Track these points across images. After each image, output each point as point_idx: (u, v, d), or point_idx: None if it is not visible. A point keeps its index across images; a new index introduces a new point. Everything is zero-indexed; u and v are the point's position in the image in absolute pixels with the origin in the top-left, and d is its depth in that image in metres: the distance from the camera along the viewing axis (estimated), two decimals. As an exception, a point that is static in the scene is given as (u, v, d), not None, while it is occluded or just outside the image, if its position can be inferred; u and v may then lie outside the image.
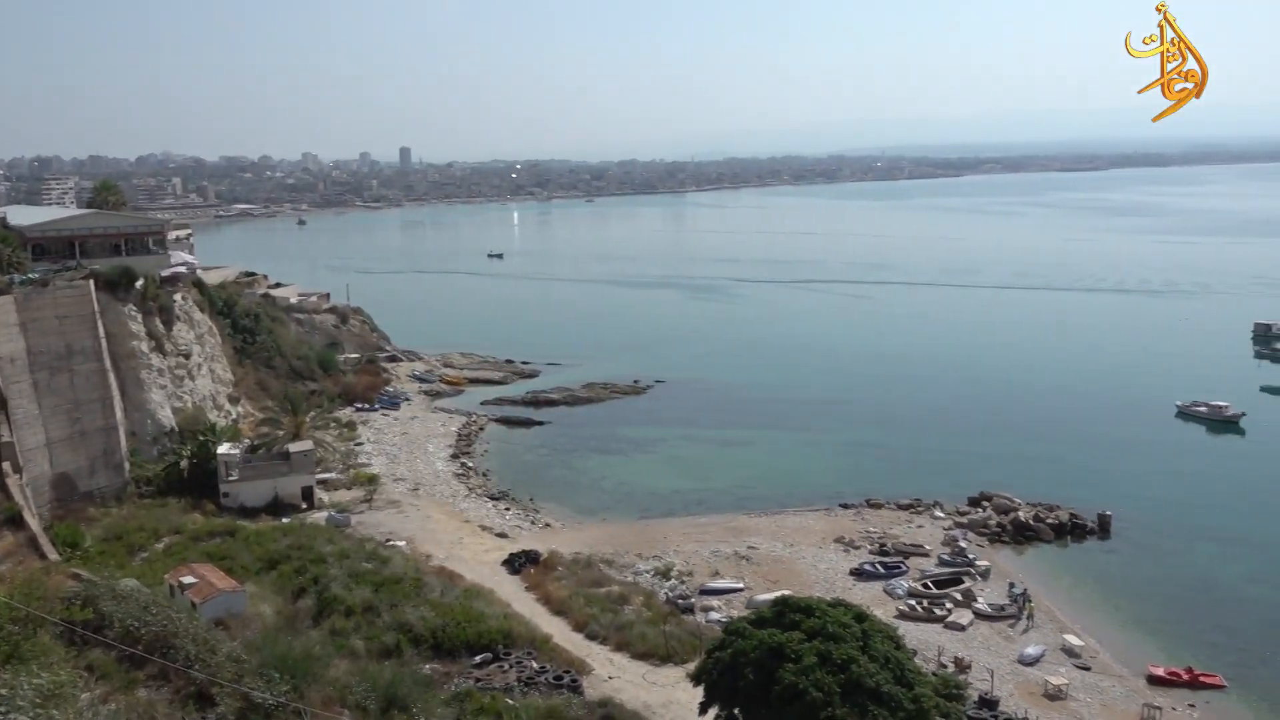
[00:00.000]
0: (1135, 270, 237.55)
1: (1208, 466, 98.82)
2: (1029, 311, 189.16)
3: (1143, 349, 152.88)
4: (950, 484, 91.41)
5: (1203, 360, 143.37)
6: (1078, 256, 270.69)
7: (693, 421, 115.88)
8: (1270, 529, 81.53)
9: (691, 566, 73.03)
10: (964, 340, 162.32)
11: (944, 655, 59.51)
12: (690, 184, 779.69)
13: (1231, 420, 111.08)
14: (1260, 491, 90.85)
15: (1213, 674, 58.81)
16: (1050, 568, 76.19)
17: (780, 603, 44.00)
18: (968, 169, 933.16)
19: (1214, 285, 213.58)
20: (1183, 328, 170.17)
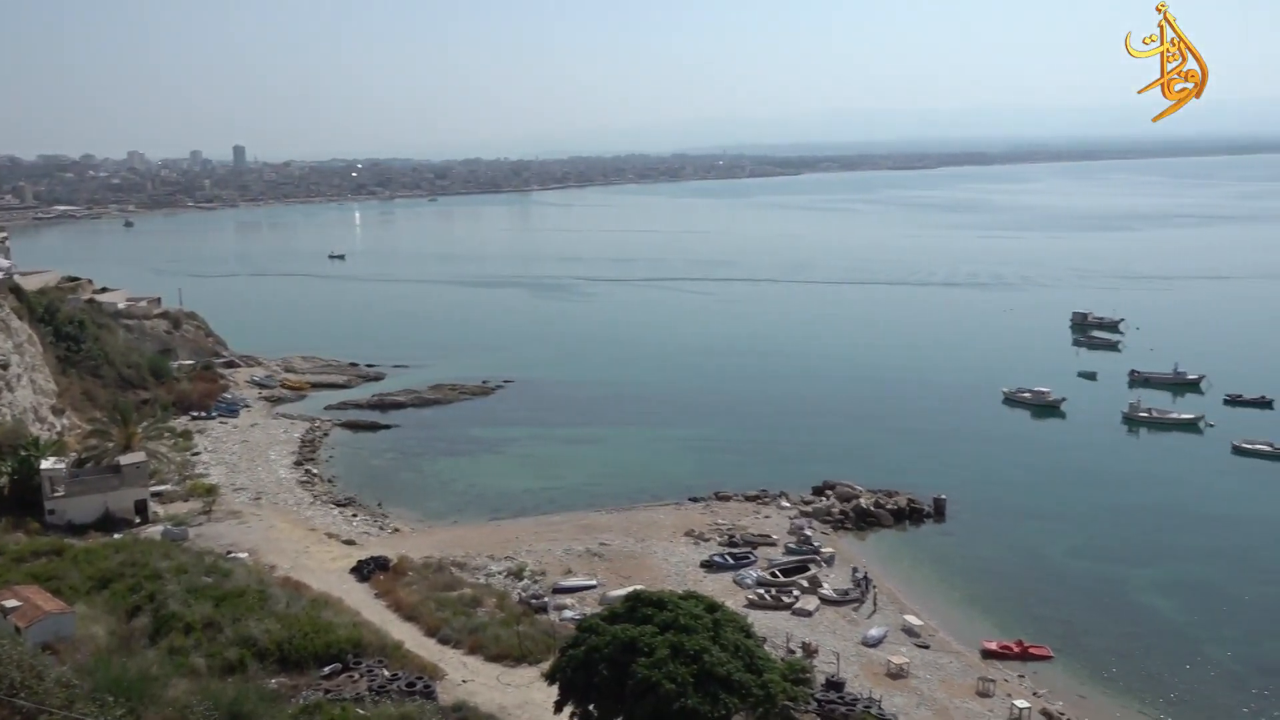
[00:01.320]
0: (964, 264, 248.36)
1: (1033, 449, 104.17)
2: (865, 305, 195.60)
3: (971, 339, 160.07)
4: (795, 474, 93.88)
5: (1026, 349, 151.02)
6: (910, 252, 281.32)
7: (542, 420, 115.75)
8: (1089, 506, 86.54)
9: (544, 565, 72.97)
10: (805, 334, 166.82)
11: (792, 641, 61.09)
12: (535, 182, 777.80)
13: (1053, 405, 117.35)
14: (1080, 471, 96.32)
15: (1041, 645, 62.07)
16: (891, 552, 79.05)
17: (633, 598, 44.43)
18: (806, 168, 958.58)
19: (1035, 277, 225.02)
20: (1007, 318, 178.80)
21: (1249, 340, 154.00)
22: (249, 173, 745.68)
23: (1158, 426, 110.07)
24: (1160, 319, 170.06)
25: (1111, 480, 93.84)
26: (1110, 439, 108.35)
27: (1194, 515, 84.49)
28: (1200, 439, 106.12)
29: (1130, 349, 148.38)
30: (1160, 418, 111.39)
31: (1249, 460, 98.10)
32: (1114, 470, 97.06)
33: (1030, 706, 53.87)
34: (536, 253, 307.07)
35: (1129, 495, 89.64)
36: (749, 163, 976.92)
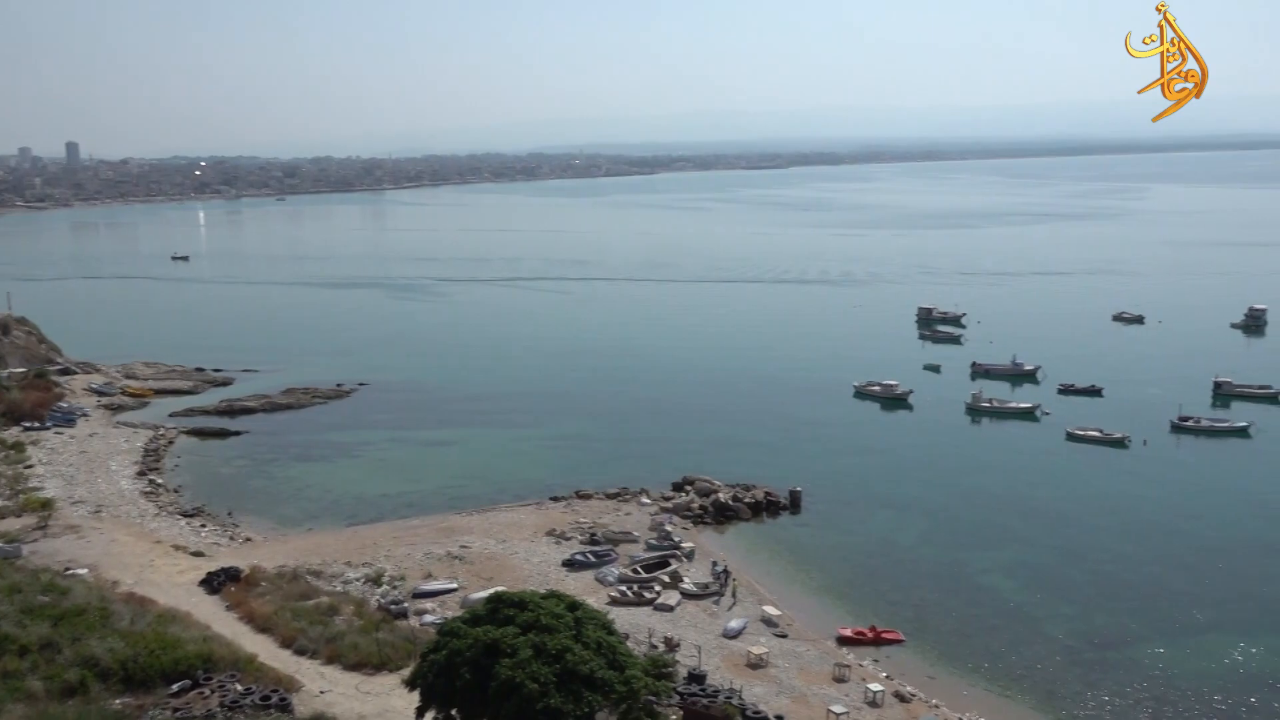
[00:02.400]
0: (815, 262, 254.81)
1: (883, 440, 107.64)
2: (721, 303, 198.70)
3: (823, 335, 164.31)
4: (655, 471, 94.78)
5: (875, 343, 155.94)
6: (764, 249, 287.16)
7: (399, 423, 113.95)
8: (936, 494, 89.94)
9: (403, 570, 71.86)
10: (663, 332, 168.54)
11: (654, 636, 61.69)
12: (389, 181, 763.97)
13: (901, 397, 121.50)
14: (927, 461, 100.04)
15: (893, 630, 64.21)
16: (749, 544, 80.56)
17: (494, 599, 44.19)
18: (662, 167, 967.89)
19: (883, 274, 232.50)
20: (856, 314, 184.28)
21: (1080, 332, 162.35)
22: (83, 171, 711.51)
23: (998, 415, 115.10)
24: (999, 313, 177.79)
25: (956, 468, 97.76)
26: (954, 428, 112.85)
27: (1032, 499, 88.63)
28: (1037, 426, 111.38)
29: (972, 342, 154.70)
30: (1000, 407, 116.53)
31: (1081, 446, 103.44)
32: (959, 458, 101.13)
33: (883, 689, 55.68)
34: (391, 253, 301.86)
35: (973, 482, 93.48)
36: (605, 162, 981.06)
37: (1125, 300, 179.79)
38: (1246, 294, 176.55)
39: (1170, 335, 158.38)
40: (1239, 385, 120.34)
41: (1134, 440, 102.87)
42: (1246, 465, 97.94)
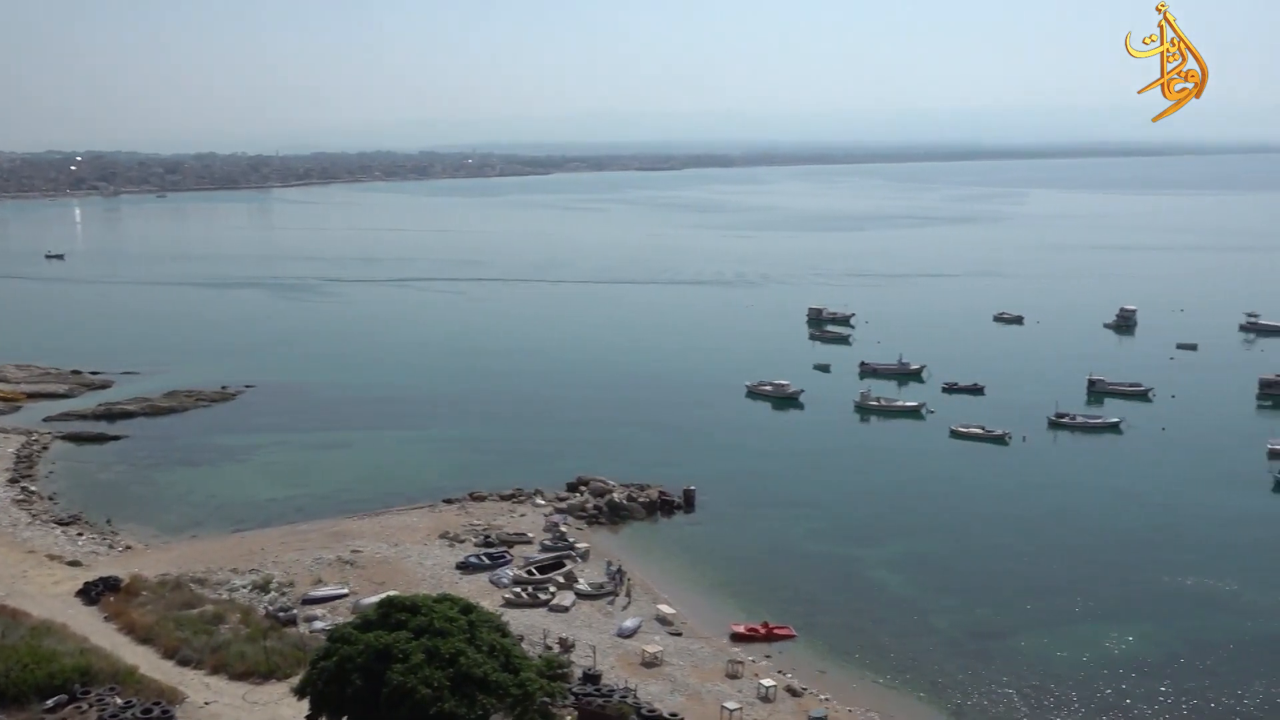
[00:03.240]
0: (708, 263, 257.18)
1: (775, 439, 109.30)
2: (615, 304, 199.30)
3: (716, 335, 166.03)
4: (549, 472, 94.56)
5: (767, 343, 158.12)
6: (658, 250, 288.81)
7: (288, 426, 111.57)
8: (826, 491, 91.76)
9: (292, 576, 70.39)
10: (556, 332, 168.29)
11: (549, 637, 61.61)
12: (276, 179, 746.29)
13: (792, 396, 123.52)
14: (817, 458, 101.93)
15: (785, 626, 65.22)
16: (643, 544, 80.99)
17: (386, 604, 43.69)
18: (556, 167, 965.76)
19: (774, 275, 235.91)
20: (749, 314, 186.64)
21: (963, 332, 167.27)
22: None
23: (885, 414, 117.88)
24: (886, 313, 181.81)
25: (846, 465, 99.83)
26: (844, 427, 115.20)
27: (918, 495, 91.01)
28: (922, 424, 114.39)
29: (860, 342, 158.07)
30: (887, 405, 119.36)
31: (964, 443, 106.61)
32: (848, 456, 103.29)
33: (776, 685, 56.59)
34: (278, 252, 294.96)
35: (862, 479, 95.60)
36: (499, 161, 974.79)
37: (1005, 301, 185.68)
38: (1117, 295, 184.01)
39: (1047, 335, 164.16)
40: (1111, 383, 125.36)
41: (1014, 437, 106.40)
42: (1118, 460, 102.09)
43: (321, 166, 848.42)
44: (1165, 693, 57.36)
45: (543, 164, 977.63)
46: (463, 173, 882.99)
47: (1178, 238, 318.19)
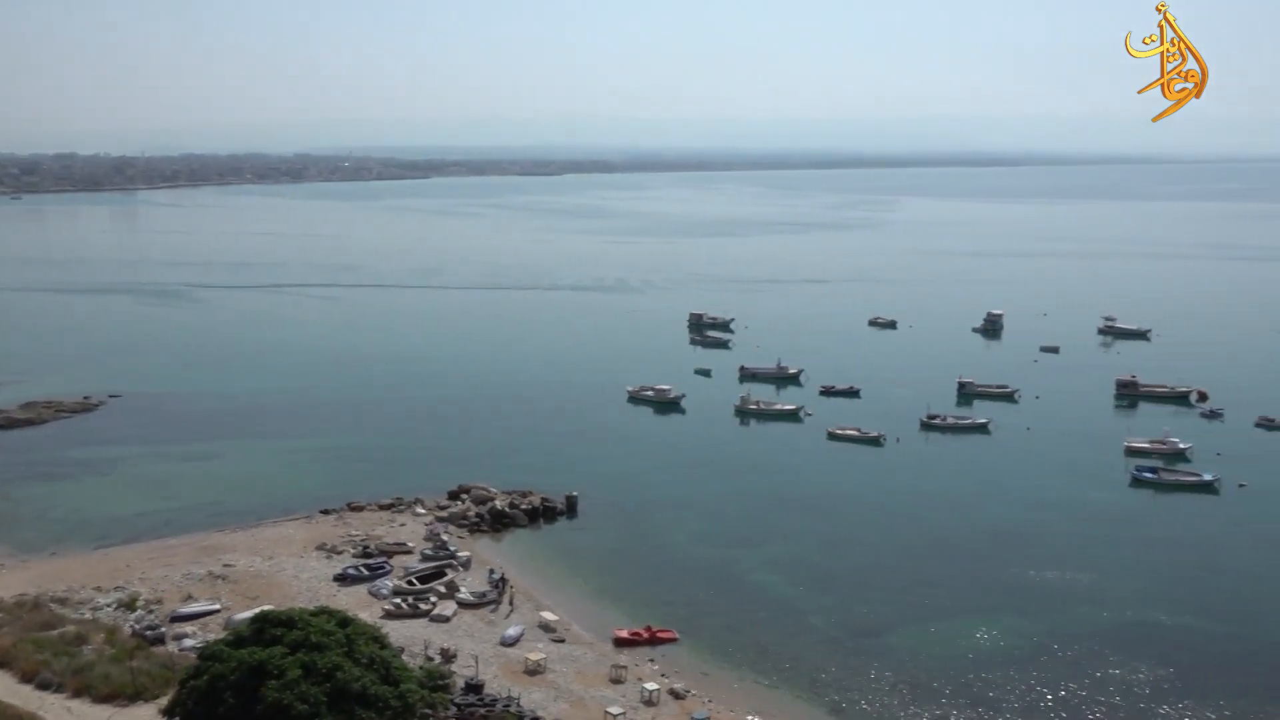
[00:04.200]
0: (590, 269, 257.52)
1: (657, 444, 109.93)
2: (495, 310, 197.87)
3: (598, 341, 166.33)
4: (430, 480, 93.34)
5: (648, 348, 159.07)
6: (539, 256, 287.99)
7: (155, 437, 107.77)
8: (707, 494, 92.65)
9: (160, 593, 67.94)
10: (436, 339, 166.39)
11: (430, 648, 60.81)
12: (142, 181, 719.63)
13: (674, 401, 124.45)
14: (699, 462, 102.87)
15: (668, 629, 65.66)
16: (526, 551, 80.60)
17: (260, 619, 42.61)
18: (435, 171, 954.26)
19: (656, 281, 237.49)
20: (630, 320, 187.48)
21: (839, 336, 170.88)
22: None
23: (765, 417, 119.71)
24: (765, 318, 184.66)
25: (727, 469, 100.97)
26: (725, 430, 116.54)
27: (796, 497, 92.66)
28: (801, 427, 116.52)
29: (739, 346, 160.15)
30: (766, 409, 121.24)
31: (841, 444, 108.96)
32: (729, 459, 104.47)
33: (659, 688, 56.92)
34: (144, 257, 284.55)
35: (742, 481, 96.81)
36: (376, 165, 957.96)
37: (879, 306, 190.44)
38: (985, 300, 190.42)
39: (919, 339, 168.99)
40: (980, 385, 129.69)
41: (888, 438, 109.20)
42: (987, 459, 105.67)
43: (190, 168, 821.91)
44: (1031, 682, 59.57)
45: (422, 168, 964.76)
46: (339, 175, 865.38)
47: (1042, 245, 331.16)
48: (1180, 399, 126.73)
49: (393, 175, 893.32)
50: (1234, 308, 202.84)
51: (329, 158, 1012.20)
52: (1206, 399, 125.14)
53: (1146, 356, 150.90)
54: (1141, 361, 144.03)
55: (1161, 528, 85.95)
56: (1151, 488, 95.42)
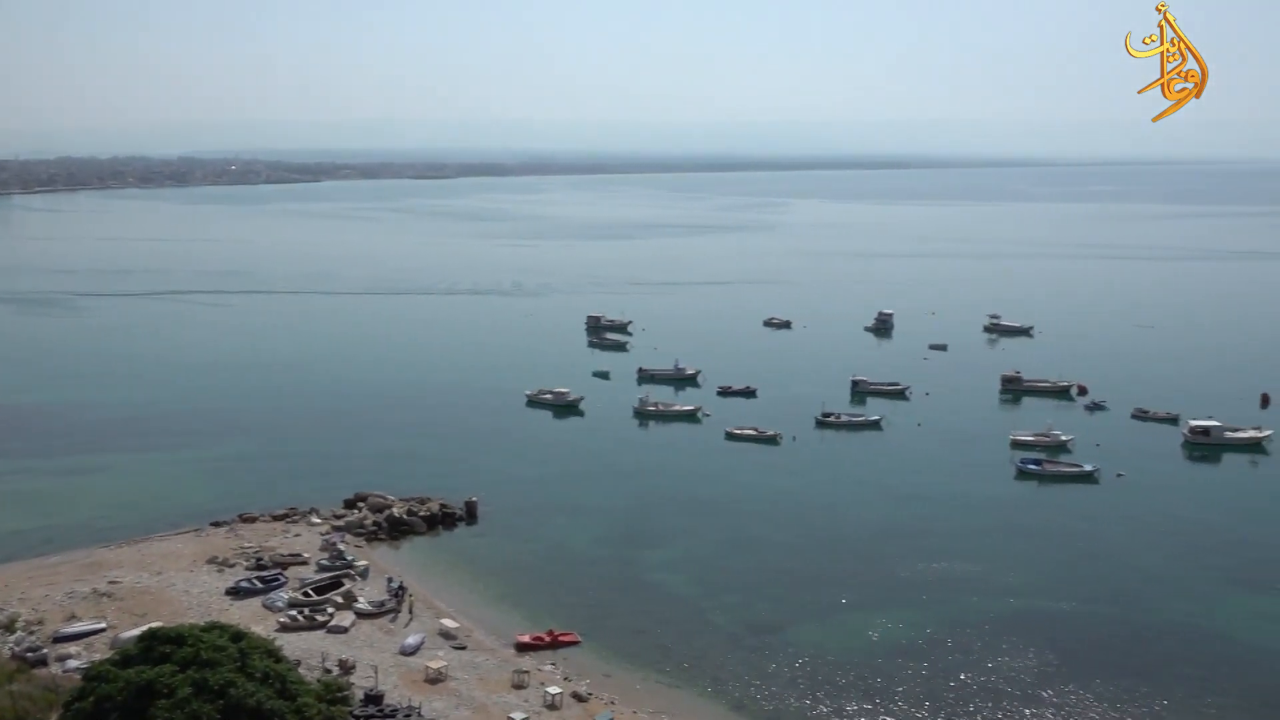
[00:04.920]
0: (486, 272, 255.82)
1: (556, 447, 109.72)
2: (391, 315, 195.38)
3: (495, 345, 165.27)
4: (326, 489, 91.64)
5: (546, 351, 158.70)
6: (435, 260, 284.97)
7: (34, 451, 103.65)
8: (608, 497, 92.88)
9: (41, 613, 65.37)
10: (330, 346, 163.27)
11: (328, 660, 59.71)
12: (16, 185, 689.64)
13: (573, 404, 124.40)
14: (599, 464, 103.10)
15: (570, 632, 65.60)
16: (425, 558, 79.71)
17: (148, 636, 41.34)
18: (326, 174, 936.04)
19: (553, 284, 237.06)
20: (528, 323, 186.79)
21: (735, 337, 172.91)
22: None
23: (664, 418, 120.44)
24: (662, 320, 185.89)
25: (627, 470, 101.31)
26: (624, 432, 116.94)
27: (696, 497, 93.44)
28: (699, 427, 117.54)
29: (637, 348, 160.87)
30: (665, 410, 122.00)
31: (739, 444, 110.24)
32: (629, 461, 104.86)
33: (562, 692, 56.85)
34: (20, 264, 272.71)
35: (642, 483, 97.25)
36: (265, 168, 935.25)
37: (774, 307, 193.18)
38: (875, 300, 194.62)
39: (813, 339, 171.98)
40: (873, 383, 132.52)
41: (785, 437, 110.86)
42: (880, 455, 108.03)
43: (69, 171, 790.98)
44: (925, 672, 61.16)
45: (312, 171, 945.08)
46: (226, 179, 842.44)
47: (928, 245, 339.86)
48: (1061, 393, 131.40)
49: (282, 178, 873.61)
50: (1108, 304, 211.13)
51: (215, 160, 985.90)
52: (1086, 392, 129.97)
53: (1029, 352, 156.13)
54: (1025, 357, 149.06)
55: (1046, 517, 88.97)
56: (1035, 479, 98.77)
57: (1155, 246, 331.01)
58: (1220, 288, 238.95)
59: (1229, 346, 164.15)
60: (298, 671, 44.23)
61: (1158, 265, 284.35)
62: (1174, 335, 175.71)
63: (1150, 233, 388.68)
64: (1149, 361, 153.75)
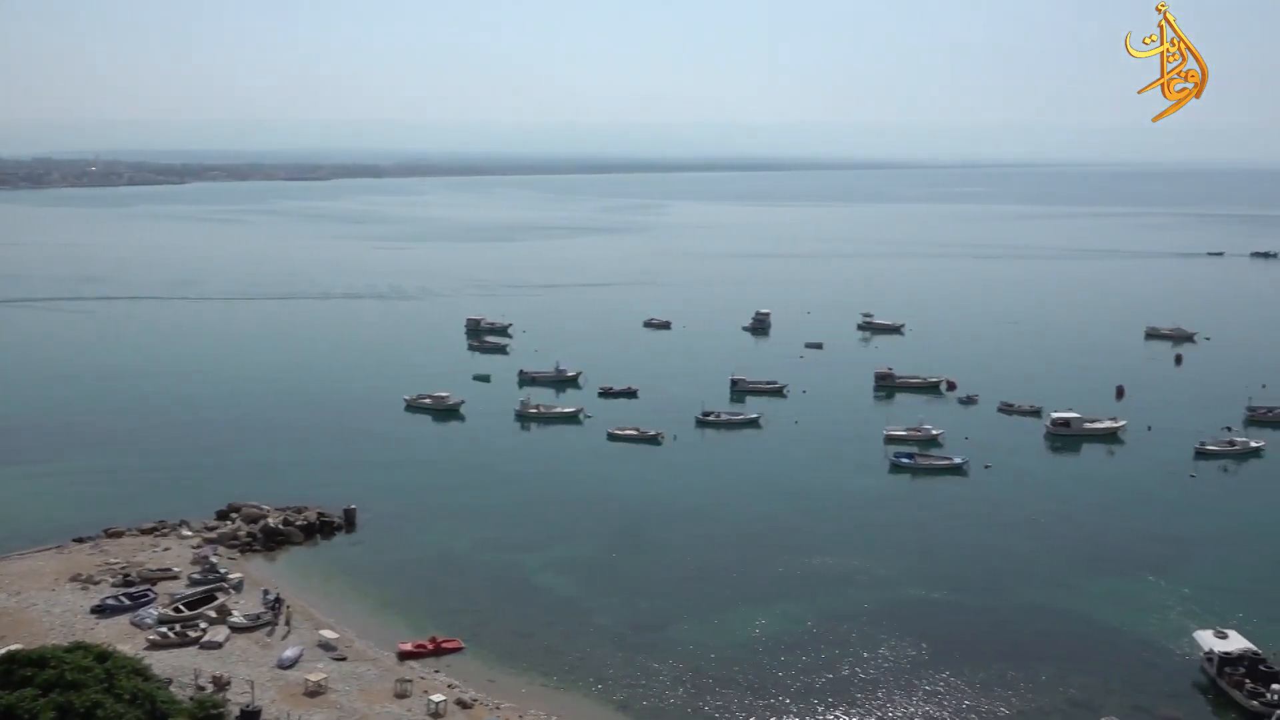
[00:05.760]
0: (363, 276, 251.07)
1: (436, 451, 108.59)
2: (264, 320, 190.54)
3: (373, 350, 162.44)
4: (196, 500, 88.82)
5: (425, 355, 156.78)
6: (309, 264, 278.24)
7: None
8: (490, 500, 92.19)
9: (-112, 641, 61.76)
10: (199, 353, 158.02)
11: (201, 677, 57.90)
12: None
13: (453, 408, 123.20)
14: (481, 468, 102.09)
15: (453, 639, 64.96)
16: (303, 568, 77.98)
17: (7, 659, 39.56)
18: (194, 176, 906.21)
19: (432, 287, 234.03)
20: (406, 327, 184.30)
21: (616, 338, 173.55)
22: None
23: (545, 420, 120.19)
24: (543, 322, 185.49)
25: (509, 474, 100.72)
26: (506, 435, 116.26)
27: (579, 498, 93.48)
28: (581, 429, 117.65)
29: (518, 351, 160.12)
30: (547, 412, 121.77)
31: (621, 445, 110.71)
32: (511, 464, 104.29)
33: (446, 699, 56.33)
34: None
35: (525, 486, 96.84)
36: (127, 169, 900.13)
37: (654, 307, 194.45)
38: (753, 300, 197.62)
39: (693, 339, 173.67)
40: (751, 382, 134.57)
41: (666, 436, 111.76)
42: (759, 453, 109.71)
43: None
44: (806, 664, 62.46)
45: (179, 172, 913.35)
46: (85, 181, 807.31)
47: (804, 245, 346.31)
48: (932, 388, 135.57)
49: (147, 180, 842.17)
50: (975, 301, 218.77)
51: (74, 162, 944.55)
52: (955, 387, 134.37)
53: (901, 349, 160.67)
54: (897, 354, 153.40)
55: (919, 510, 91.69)
56: (909, 473, 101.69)
57: (1018, 245, 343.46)
58: (1078, 284, 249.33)
59: (1086, 341, 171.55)
60: (169, 690, 42.89)
61: (1020, 263, 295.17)
62: (1036, 331, 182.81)
63: (1013, 232, 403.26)
64: (1013, 356, 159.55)
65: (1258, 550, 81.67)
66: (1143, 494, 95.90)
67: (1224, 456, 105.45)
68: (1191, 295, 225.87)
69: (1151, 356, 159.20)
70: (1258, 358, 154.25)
